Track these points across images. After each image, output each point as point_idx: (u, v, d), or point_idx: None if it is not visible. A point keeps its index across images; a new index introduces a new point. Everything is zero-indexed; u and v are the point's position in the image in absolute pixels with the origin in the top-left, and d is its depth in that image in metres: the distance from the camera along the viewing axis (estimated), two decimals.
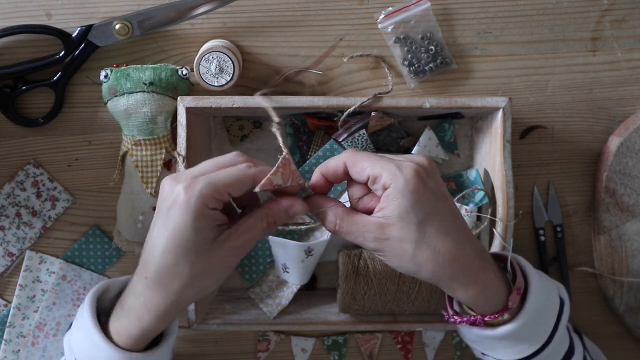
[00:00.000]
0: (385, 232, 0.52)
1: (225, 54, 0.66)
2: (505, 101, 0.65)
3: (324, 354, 0.78)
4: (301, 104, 0.65)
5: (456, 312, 0.60)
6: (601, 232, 0.74)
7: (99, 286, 0.60)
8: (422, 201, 0.51)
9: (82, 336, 0.56)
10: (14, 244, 0.73)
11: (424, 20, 0.71)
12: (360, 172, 0.52)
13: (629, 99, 0.74)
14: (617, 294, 0.75)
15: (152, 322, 0.54)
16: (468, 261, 0.53)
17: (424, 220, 0.51)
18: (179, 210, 0.49)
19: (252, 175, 0.51)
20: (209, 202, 0.49)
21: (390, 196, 0.51)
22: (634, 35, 0.73)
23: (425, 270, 0.52)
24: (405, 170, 0.51)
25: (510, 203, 0.65)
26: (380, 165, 0.51)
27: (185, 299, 0.53)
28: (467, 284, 0.54)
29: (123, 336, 0.55)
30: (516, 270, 0.58)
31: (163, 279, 0.52)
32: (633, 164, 0.73)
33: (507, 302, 0.55)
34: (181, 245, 0.50)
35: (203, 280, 0.52)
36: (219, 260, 0.52)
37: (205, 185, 0.49)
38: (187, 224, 0.49)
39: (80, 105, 0.72)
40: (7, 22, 0.69)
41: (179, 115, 0.65)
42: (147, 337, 0.56)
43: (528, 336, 0.57)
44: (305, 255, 0.69)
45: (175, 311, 0.54)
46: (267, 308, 0.72)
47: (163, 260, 0.51)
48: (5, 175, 0.73)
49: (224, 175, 0.50)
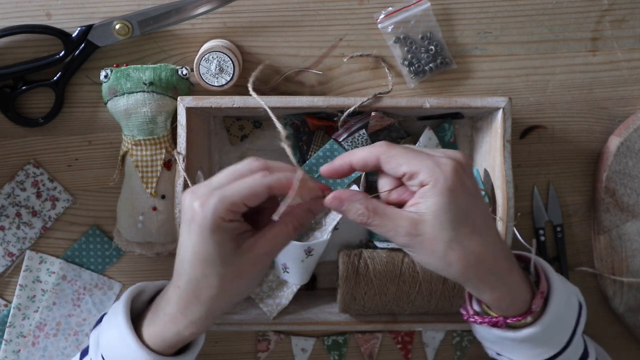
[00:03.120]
0: (418, 229, 0.51)
1: (225, 54, 0.66)
2: (505, 101, 0.65)
3: (324, 354, 0.78)
4: (301, 104, 0.65)
5: (476, 312, 0.59)
6: (601, 232, 0.74)
7: (135, 288, 0.61)
8: (459, 200, 0.50)
9: (115, 336, 0.57)
10: (14, 244, 0.73)
11: (424, 20, 0.71)
12: (396, 168, 0.51)
13: (629, 99, 0.74)
14: (617, 294, 0.75)
15: (187, 327, 0.55)
16: (497, 262, 0.53)
17: (458, 220, 0.50)
18: (196, 226, 0.50)
19: (268, 185, 0.50)
20: (225, 216, 0.50)
21: (428, 193, 0.50)
22: (634, 35, 0.73)
23: (454, 269, 0.52)
24: (444, 168, 0.50)
25: (510, 203, 0.65)
26: (418, 162, 0.50)
27: (219, 306, 0.54)
28: (494, 285, 0.53)
29: (156, 340, 0.56)
30: (540, 273, 0.57)
31: (194, 289, 0.53)
32: (633, 164, 0.73)
33: (531, 305, 0.55)
34: (205, 258, 0.51)
35: (233, 288, 0.53)
36: (246, 268, 0.52)
37: (219, 200, 0.49)
38: (206, 238, 0.50)
39: (80, 105, 0.72)
40: (7, 22, 0.69)
41: (179, 115, 0.65)
42: (180, 343, 0.57)
43: (549, 339, 0.57)
44: (305, 255, 0.69)
45: (211, 318, 0.55)
46: (267, 308, 0.72)
47: (192, 272, 0.52)
48: (5, 175, 0.73)
49: (238, 188, 0.50)
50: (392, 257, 0.68)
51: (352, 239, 0.75)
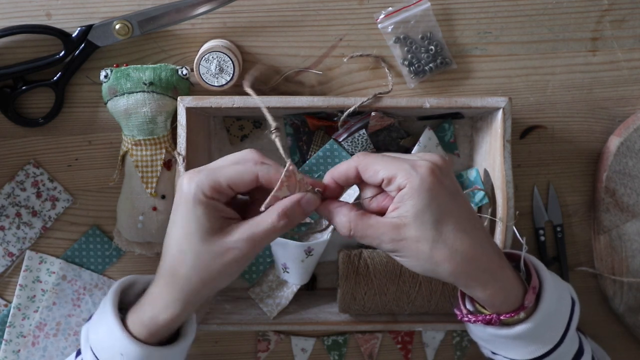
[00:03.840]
0: (401, 233, 0.51)
1: (225, 54, 0.66)
2: (505, 101, 0.65)
3: (324, 354, 0.78)
4: (301, 104, 0.65)
5: (470, 311, 0.59)
6: (601, 232, 0.74)
7: (125, 279, 0.61)
8: (438, 200, 0.51)
9: (103, 329, 0.57)
10: (14, 244, 0.73)
11: (424, 20, 0.71)
12: (374, 176, 0.52)
13: (629, 99, 0.74)
14: (617, 294, 0.75)
15: (162, 311, 0.55)
16: (487, 259, 0.53)
17: (440, 219, 0.51)
18: (180, 198, 0.52)
19: (255, 173, 0.51)
20: (207, 192, 0.51)
21: (406, 196, 0.50)
22: (634, 35, 0.73)
23: (443, 269, 0.52)
24: (420, 169, 0.50)
25: (510, 203, 0.65)
26: (395, 166, 0.51)
27: (192, 289, 0.54)
28: (485, 282, 0.54)
29: (137, 326, 0.56)
30: (530, 269, 0.58)
31: (172, 267, 0.54)
32: (633, 164, 0.73)
33: (523, 301, 0.55)
34: (185, 232, 0.52)
35: (208, 270, 0.53)
36: (224, 252, 0.52)
37: (205, 176, 0.51)
38: (189, 210, 0.51)
39: (80, 105, 0.72)
40: (7, 22, 0.69)
41: (179, 115, 0.65)
42: (159, 328, 0.56)
43: (542, 335, 0.57)
44: (305, 255, 0.69)
45: (186, 302, 0.54)
46: (267, 308, 0.72)
47: (172, 249, 0.53)
48: (5, 175, 0.73)
49: (226, 170, 0.52)
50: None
51: (352, 239, 0.75)
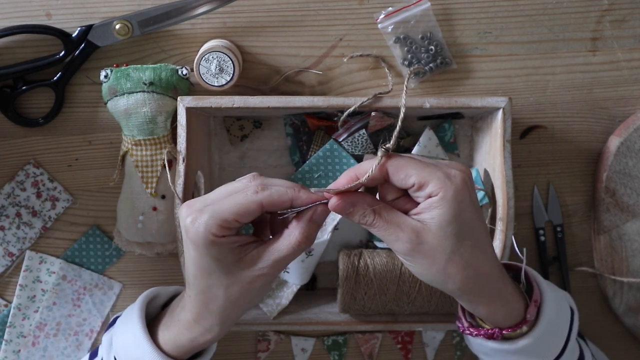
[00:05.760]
0: (420, 237, 0.50)
1: (225, 54, 0.66)
2: (505, 101, 0.65)
3: (324, 354, 0.78)
4: (301, 104, 0.65)
5: (471, 324, 0.59)
6: (601, 232, 0.74)
7: (149, 292, 0.62)
8: (465, 214, 0.50)
9: (130, 340, 0.58)
10: (14, 244, 0.73)
11: (424, 20, 0.71)
12: (405, 179, 0.50)
13: (629, 99, 0.74)
14: (617, 294, 0.75)
15: (202, 335, 0.56)
16: (494, 276, 0.53)
17: (462, 233, 0.50)
18: (191, 242, 0.51)
19: (259, 202, 0.50)
20: (217, 232, 0.50)
21: (435, 204, 0.49)
22: (634, 35, 0.73)
23: (452, 282, 0.51)
24: (454, 180, 0.49)
25: (510, 203, 0.65)
26: (427, 173, 0.49)
27: (230, 316, 0.55)
28: (490, 298, 0.53)
29: (171, 345, 0.57)
30: (532, 281, 0.57)
31: (204, 299, 0.54)
32: (633, 164, 0.73)
33: (525, 314, 0.55)
34: (206, 270, 0.52)
35: (241, 298, 0.54)
36: (251, 280, 0.52)
37: (210, 217, 0.50)
38: (202, 254, 0.51)
39: (80, 105, 0.72)
40: (7, 22, 0.69)
41: (179, 115, 0.65)
42: (194, 349, 0.58)
43: (544, 348, 0.57)
44: (305, 255, 0.69)
45: (225, 326, 0.56)
46: (267, 308, 0.72)
47: (198, 285, 0.54)
48: (5, 175, 0.73)
49: (228, 205, 0.50)
50: (392, 257, 0.68)
51: (352, 239, 0.75)
